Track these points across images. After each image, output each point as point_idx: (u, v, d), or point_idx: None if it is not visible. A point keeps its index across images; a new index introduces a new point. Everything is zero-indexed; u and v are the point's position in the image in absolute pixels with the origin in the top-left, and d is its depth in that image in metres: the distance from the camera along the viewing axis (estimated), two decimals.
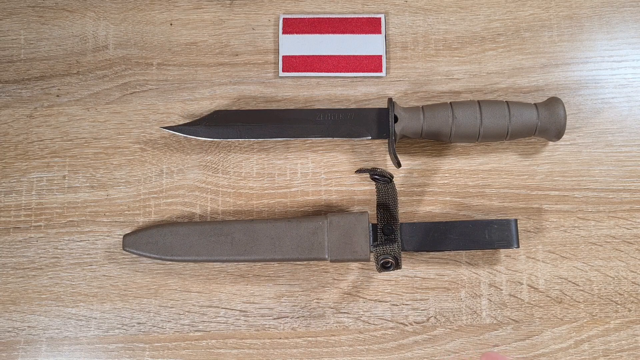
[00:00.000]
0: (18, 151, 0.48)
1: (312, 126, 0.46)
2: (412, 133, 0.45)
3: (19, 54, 0.50)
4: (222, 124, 0.46)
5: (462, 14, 0.50)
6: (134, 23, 0.50)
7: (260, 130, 0.46)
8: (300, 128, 0.46)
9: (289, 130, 0.46)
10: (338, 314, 0.45)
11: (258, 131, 0.46)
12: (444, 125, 0.44)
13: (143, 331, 0.45)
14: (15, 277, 0.46)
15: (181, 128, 0.46)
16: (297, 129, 0.46)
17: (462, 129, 0.44)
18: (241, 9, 0.51)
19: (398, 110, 0.45)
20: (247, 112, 0.47)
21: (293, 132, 0.46)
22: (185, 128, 0.46)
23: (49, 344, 0.45)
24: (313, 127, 0.46)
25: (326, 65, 0.49)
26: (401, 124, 0.44)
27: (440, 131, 0.45)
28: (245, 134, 0.46)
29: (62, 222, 0.47)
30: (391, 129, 0.44)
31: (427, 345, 0.44)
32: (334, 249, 0.43)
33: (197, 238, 0.44)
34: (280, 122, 0.46)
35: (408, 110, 0.45)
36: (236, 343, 0.45)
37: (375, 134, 0.45)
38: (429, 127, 0.44)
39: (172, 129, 0.47)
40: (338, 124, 0.46)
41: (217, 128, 0.46)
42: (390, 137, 0.44)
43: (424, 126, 0.44)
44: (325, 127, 0.46)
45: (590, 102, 0.48)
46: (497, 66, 0.49)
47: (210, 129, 0.46)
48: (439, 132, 0.45)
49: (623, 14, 0.50)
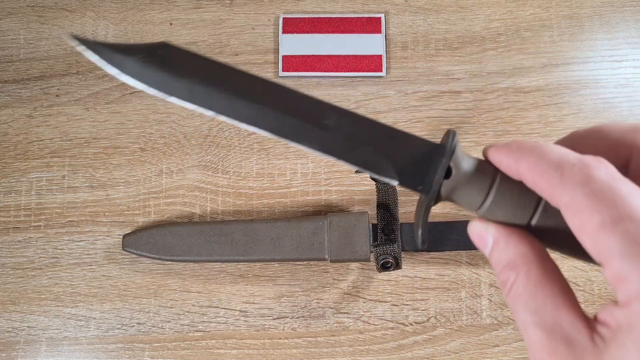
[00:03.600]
0: (17, 151, 0.48)
1: (313, 129, 0.25)
2: (464, 203, 0.25)
3: (19, 54, 0.50)
4: (168, 69, 0.26)
5: (462, 13, 0.50)
6: (133, 23, 0.50)
7: (227, 104, 0.25)
8: (294, 127, 0.25)
9: (275, 123, 0.25)
10: (338, 314, 0.45)
11: (224, 104, 0.25)
12: (516, 217, 0.23)
13: (142, 331, 0.45)
14: (14, 277, 0.46)
15: (100, 49, 0.26)
16: (288, 126, 0.25)
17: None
18: (241, 9, 0.50)
19: (458, 159, 0.24)
20: (218, 66, 0.26)
21: (280, 127, 0.25)
22: (108, 52, 0.26)
23: (49, 344, 0.45)
24: (313, 132, 0.25)
25: (326, 65, 0.49)
26: (454, 182, 0.24)
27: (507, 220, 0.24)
28: (200, 101, 0.25)
29: (61, 222, 0.47)
30: (434, 186, 0.24)
31: (428, 346, 0.44)
32: (334, 249, 0.43)
33: (196, 238, 0.44)
34: (263, 103, 0.25)
35: (473, 168, 0.24)
36: (236, 343, 0.44)
37: (407, 180, 0.25)
38: (494, 207, 0.24)
39: (86, 45, 0.26)
40: (354, 141, 0.26)
41: (158, 73, 0.26)
42: (428, 198, 0.24)
43: (488, 203, 0.24)
44: (331, 139, 0.25)
45: (590, 102, 0.48)
46: (498, 66, 0.49)
47: (146, 69, 0.26)
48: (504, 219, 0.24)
49: (623, 14, 0.50)
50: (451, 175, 0.24)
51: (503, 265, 0.22)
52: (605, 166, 0.19)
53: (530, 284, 0.21)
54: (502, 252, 0.22)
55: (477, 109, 0.48)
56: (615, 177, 0.19)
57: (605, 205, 0.18)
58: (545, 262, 0.21)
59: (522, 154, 0.21)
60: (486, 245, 0.23)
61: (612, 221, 0.18)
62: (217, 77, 0.26)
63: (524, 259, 0.21)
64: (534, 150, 0.21)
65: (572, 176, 0.19)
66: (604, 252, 0.18)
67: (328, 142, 0.25)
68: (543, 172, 0.20)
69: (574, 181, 0.19)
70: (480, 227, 0.23)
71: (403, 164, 0.25)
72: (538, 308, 0.20)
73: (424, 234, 0.26)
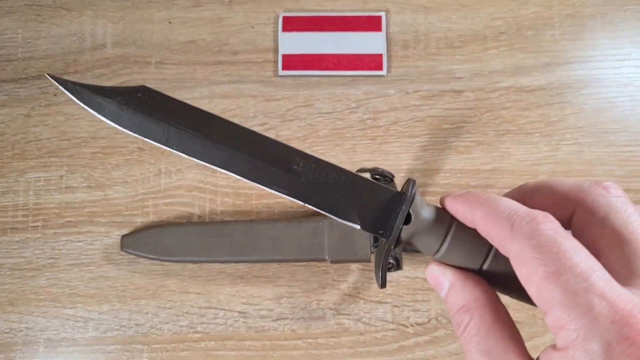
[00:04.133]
0: (15, 151, 0.48)
1: (281, 174, 0.27)
2: (422, 247, 0.26)
3: (17, 53, 0.49)
4: (145, 112, 0.28)
5: (463, 12, 0.50)
6: (132, 21, 0.50)
7: (201, 148, 0.27)
8: (264, 171, 0.27)
9: (245, 167, 0.27)
10: (338, 315, 0.45)
11: (196, 147, 0.27)
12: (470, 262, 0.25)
13: (141, 332, 0.44)
14: (12, 277, 0.45)
15: (79, 90, 0.28)
16: (258, 171, 0.27)
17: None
18: (240, 7, 0.50)
19: (417, 207, 0.26)
20: (194, 111, 0.28)
21: (251, 171, 0.27)
22: (87, 94, 0.28)
23: (47, 345, 0.44)
24: (281, 177, 0.27)
25: (326, 63, 0.48)
26: (413, 228, 0.26)
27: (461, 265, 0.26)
28: (175, 144, 0.27)
29: (59, 222, 0.46)
30: (395, 231, 0.26)
31: (429, 347, 0.44)
32: (334, 250, 0.42)
33: (195, 238, 0.43)
34: (235, 147, 0.27)
35: (431, 216, 0.26)
36: (235, 345, 0.44)
37: (369, 225, 0.27)
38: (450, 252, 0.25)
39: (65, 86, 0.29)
40: (320, 187, 0.27)
41: (135, 116, 0.28)
42: (388, 242, 0.26)
43: (444, 249, 0.25)
44: (298, 184, 0.27)
45: (592, 102, 0.48)
46: (499, 65, 0.48)
47: (124, 112, 0.28)
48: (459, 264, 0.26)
49: (626, 13, 0.50)
50: (410, 221, 0.26)
51: (458, 308, 0.24)
52: (551, 221, 0.21)
53: (483, 327, 0.23)
54: (457, 295, 0.24)
55: (479, 108, 0.48)
56: (559, 232, 0.21)
57: (550, 258, 0.20)
58: (497, 307, 0.23)
59: (477, 205, 0.23)
60: (442, 288, 0.25)
61: (555, 273, 0.20)
62: (192, 122, 0.27)
63: (478, 303, 0.23)
64: (488, 202, 0.23)
65: (520, 229, 0.21)
66: (546, 301, 0.20)
67: (295, 186, 0.27)
68: (495, 223, 0.22)
69: (522, 234, 0.21)
70: (437, 271, 0.25)
71: (365, 210, 0.27)
72: (489, 350, 0.22)
73: (384, 277, 0.28)
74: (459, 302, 0.24)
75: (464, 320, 0.23)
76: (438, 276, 0.25)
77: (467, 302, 0.23)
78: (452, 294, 0.24)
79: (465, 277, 0.24)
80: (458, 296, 0.24)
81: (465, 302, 0.23)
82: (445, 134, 0.47)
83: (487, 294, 0.24)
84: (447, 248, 0.25)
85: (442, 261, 0.26)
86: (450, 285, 0.24)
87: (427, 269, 0.26)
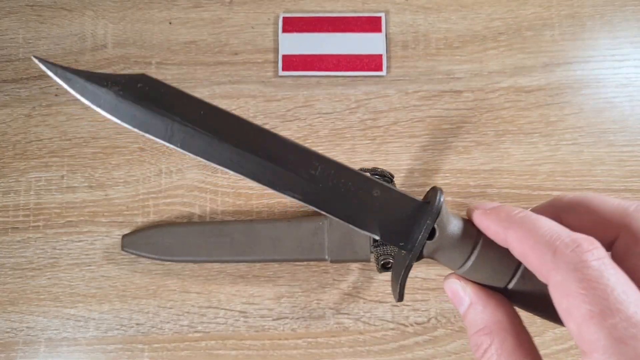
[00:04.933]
0: (16, 151, 0.48)
1: (297, 179, 0.25)
2: (444, 262, 0.25)
3: (18, 53, 0.50)
4: (146, 105, 0.24)
5: (463, 12, 0.50)
6: (132, 22, 0.50)
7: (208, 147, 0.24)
8: (278, 175, 0.25)
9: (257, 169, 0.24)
10: (338, 314, 0.45)
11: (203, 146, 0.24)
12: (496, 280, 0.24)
13: (142, 332, 0.45)
14: (13, 277, 0.46)
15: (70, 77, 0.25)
16: (271, 174, 0.25)
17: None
18: (240, 8, 0.50)
19: (443, 221, 0.24)
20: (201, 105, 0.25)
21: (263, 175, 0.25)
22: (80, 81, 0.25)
23: (48, 345, 0.45)
24: (297, 182, 0.25)
25: (326, 64, 0.49)
26: (437, 244, 0.24)
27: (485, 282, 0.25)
28: (179, 141, 0.24)
29: (60, 222, 0.46)
30: (417, 247, 0.24)
31: (428, 346, 0.44)
32: (334, 250, 0.42)
33: (196, 238, 0.44)
34: (247, 148, 0.24)
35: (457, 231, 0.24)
36: (235, 344, 0.44)
37: (389, 236, 0.25)
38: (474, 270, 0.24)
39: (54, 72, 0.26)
40: (339, 194, 0.25)
41: (135, 108, 0.24)
42: (410, 257, 0.24)
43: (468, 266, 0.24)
44: (316, 190, 0.25)
45: (592, 102, 0.48)
46: (499, 65, 0.49)
47: (123, 103, 0.24)
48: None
49: (625, 13, 0.50)
50: (435, 236, 0.24)
51: (478, 329, 0.22)
52: (597, 250, 0.19)
53: (504, 353, 0.21)
54: (478, 315, 0.22)
55: (478, 108, 0.48)
56: (607, 264, 0.19)
57: (596, 296, 0.18)
58: (520, 332, 0.22)
59: (511, 224, 0.22)
60: (461, 304, 0.23)
61: (601, 314, 0.18)
62: (199, 117, 0.24)
63: (500, 327, 0.22)
64: (524, 222, 0.21)
65: (564, 257, 0.19)
66: (588, 342, 0.18)
67: (312, 193, 0.25)
68: (534, 247, 0.20)
69: (567, 263, 0.19)
70: (457, 285, 0.24)
71: (387, 220, 0.24)
72: None
73: (402, 291, 0.25)
74: (479, 322, 0.22)
75: (483, 343, 0.22)
76: (458, 291, 0.24)
77: (488, 324, 0.22)
78: (472, 312, 0.23)
79: (487, 297, 0.23)
80: (478, 316, 0.22)
81: (486, 324, 0.22)
82: (445, 134, 0.48)
83: (509, 317, 0.22)
84: (472, 265, 0.23)
85: (463, 276, 0.24)
86: (470, 302, 0.23)
87: (445, 281, 0.24)
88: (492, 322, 0.22)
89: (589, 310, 0.18)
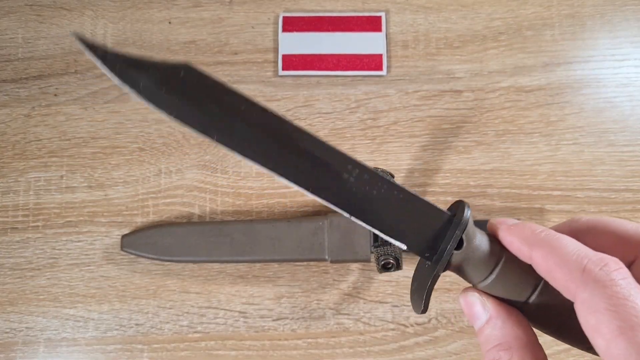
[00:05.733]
0: (16, 151, 0.48)
1: (331, 182, 0.25)
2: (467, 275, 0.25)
3: (17, 53, 0.49)
4: (188, 96, 0.24)
5: (463, 12, 0.50)
6: (132, 21, 0.50)
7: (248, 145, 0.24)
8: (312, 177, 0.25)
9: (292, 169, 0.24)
10: (338, 315, 0.45)
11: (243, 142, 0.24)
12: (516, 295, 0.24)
13: (141, 332, 0.44)
14: (12, 277, 0.45)
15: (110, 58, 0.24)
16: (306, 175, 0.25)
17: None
18: (240, 7, 0.50)
19: (470, 233, 0.24)
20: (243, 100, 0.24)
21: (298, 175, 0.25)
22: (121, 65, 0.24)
23: (47, 345, 0.44)
24: (330, 185, 0.25)
25: (326, 63, 0.49)
26: (463, 255, 0.24)
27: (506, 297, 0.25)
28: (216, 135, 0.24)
29: (59, 222, 0.46)
30: (445, 256, 0.24)
31: (429, 347, 0.44)
32: (334, 250, 0.42)
33: (196, 238, 0.44)
34: (287, 147, 0.24)
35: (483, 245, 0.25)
36: (235, 344, 0.44)
37: (416, 246, 0.25)
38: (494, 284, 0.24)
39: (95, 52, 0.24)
40: (371, 201, 0.25)
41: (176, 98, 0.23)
42: (437, 267, 0.24)
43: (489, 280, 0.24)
44: (348, 195, 0.25)
45: (592, 102, 0.48)
46: (499, 65, 0.49)
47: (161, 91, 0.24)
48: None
49: (625, 13, 0.50)
50: (462, 247, 0.24)
51: (495, 343, 0.23)
52: (623, 269, 0.20)
53: None
54: (497, 330, 0.23)
55: (479, 108, 0.48)
56: (631, 284, 0.20)
57: (626, 312, 0.19)
58: (537, 350, 0.22)
59: (537, 242, 0.22)
60: (478, 319, 0.24)
61: (631, 329, 0.18)
62: (241, 112, 0.24)
63: (519, 343, 0.22)
64: (550, 240, 0.22)
65: (593, 275, 0.20)
66: (617, 357, 0.18)
67: (344, 198, 0.24)
68: (561, 265, 0.21)
69: (596, 281, 0.20)
70: (475, 299, 0.24)
71: (415, 230, 0.25)
72: None
73: (427, 303, 0.25)
74: (498, 338, 0.23)
75: (502, 358, 0.22)
76: (475, 305, 0.24)
77: (507, 340, 0.22)
78: (491, 327, 0.23)
79: (507, 313, 0.23)
80: (497, 331, 0.23)
81: (505, 340, 0.22)
82: (445, 134, 0.47)
83: (528, 334, 0.23)
84: (494, 279, 0.24)
85: (483, 290, 0.24)
86: (489, 318, 0.23)
87: (463, 295, 0.24)
88: (512, 337, 0.22)
89: (618, 326, 0.18)
